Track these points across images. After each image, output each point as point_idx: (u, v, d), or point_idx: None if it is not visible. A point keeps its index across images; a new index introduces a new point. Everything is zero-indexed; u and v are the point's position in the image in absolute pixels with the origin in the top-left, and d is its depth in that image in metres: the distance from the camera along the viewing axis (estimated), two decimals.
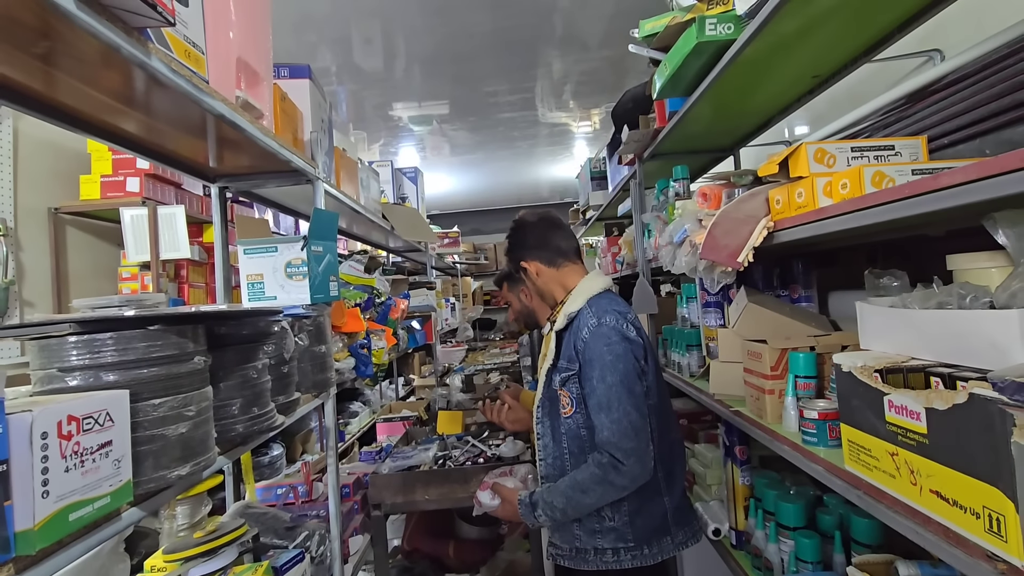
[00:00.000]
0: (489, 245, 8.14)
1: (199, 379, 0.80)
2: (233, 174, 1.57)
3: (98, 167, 2.29)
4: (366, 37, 3.12)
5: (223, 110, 1.01)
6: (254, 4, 1.21)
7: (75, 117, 1.03)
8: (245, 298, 1.39)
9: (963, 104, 1.05)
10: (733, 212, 1.15)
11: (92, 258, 2.48)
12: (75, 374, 0.69)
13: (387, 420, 3.03)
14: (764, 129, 1.93)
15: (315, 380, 1.42)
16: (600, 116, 4.58)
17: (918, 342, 0.85)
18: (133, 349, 0.71)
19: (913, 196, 0.70)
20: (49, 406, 0.57)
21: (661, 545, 1.39)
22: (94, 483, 0.61)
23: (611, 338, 1.32)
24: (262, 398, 1.00)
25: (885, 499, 0.84)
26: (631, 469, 1.25)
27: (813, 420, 1.08)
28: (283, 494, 1.67)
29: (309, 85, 1.63)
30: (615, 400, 1.28)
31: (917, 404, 0.74)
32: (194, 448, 0.77)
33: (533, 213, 1.63)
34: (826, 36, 1.25)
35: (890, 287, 1.13)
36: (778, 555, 1.38)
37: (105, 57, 0.78)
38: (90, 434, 0.61)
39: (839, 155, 1.00)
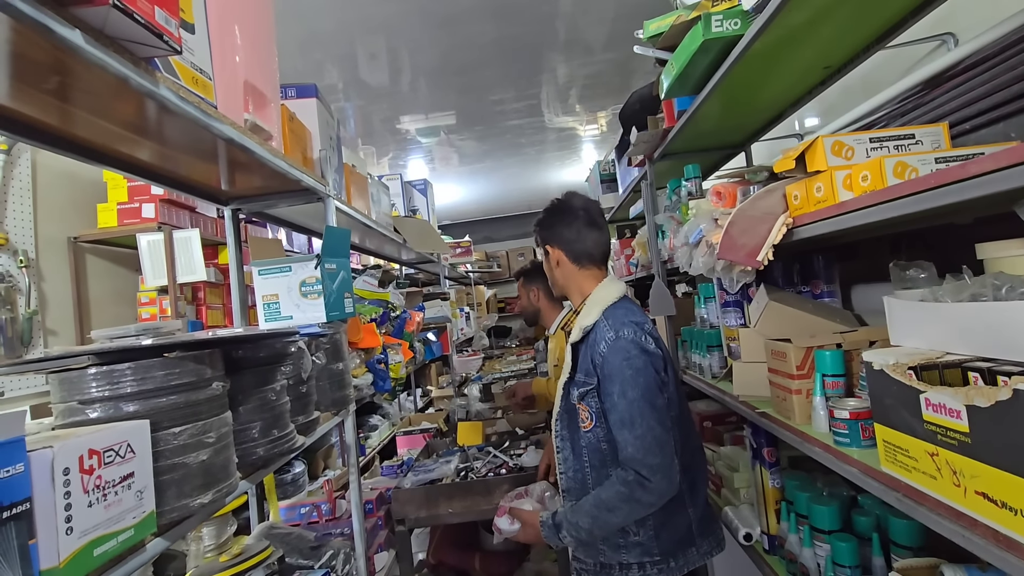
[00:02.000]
0: (501, 252, 8.14)
1: (218, 405, 0.80)
2: (245, 196, 1.58)
3: (114, 195, 2.32)
4: (371, 53, 3.14)
5: (232, 134, 1.01)
6: (259, 27, 1.22)
7: (89, 149, 1.04)
8: (261, 318, 1.39)
9: (984, 88, 1.02)
10: (749, 210, 1.12)
11: (111, 285, 2.52)
12: (95, 406, 0.68)
13: (407, 433, 3.02)
14: (776, 123, 1.90)
15: (334, 398, 1.41)
16: (607, 118, 4.56)
17: (952, 336, 0.82)
18: (151, 378, 0.71)
19: (941, 186, 0.68)
20: (69, 440, 0.57)
21: (687, 556, 1.36)
22: (117, 516, 0.61)
23: (630, 352, 1.28)
24: (282, 420, 0.99)
25: (926, 501, 0.80)
26: (658, 485, 1.22)
27: (844, 420, 1.05)
28: (307, 513, 1.67)
29: (316, 104, 1.64)
30: (638, 415, 1.24)
31: (957, 402, 0.71)
32: (216, 475, 0.76)
33: (580, 199, 1.54)
34: (836, 25, 1.22)
35: (917, 279, 1.09)
36: (814, 560, 1.34)
37: (114, 89, 0.79)
38: (112, 467, 0.61)
39: (857, 147, 0.97)
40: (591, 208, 1.52)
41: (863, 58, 1.34)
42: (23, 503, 0.52)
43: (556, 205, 1.54)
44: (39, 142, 0.94)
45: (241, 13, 1.14)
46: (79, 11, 0.65)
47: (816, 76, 1.50)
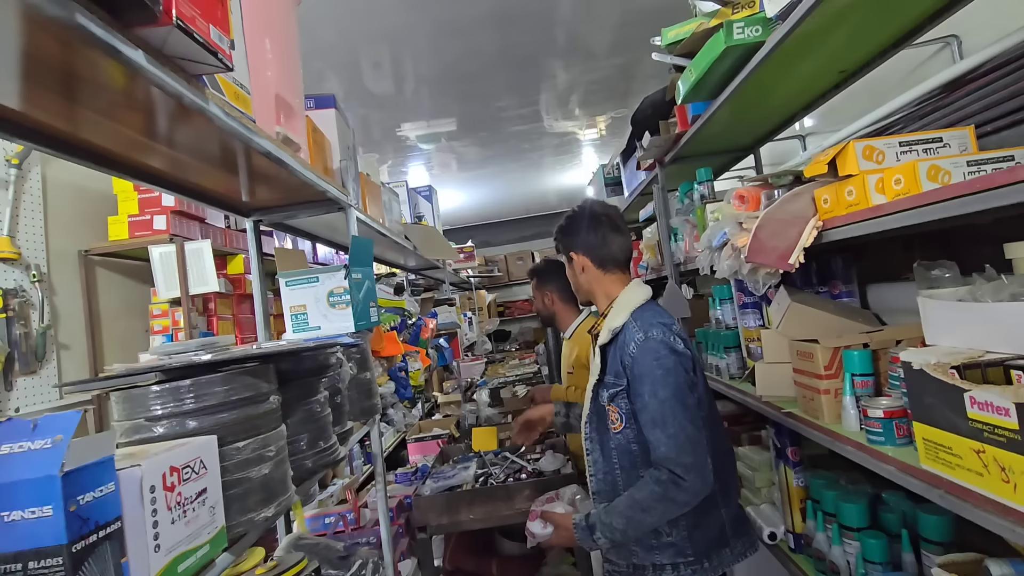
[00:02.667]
0: (500, 257, 8.16)
1: (274, 418, 0.80)
2: (266, 207, 1.58)
3: (124, 207, 2.31)
4: (374, 61, 3.15)
5: (270, 148, 1.02)
6: (287, 40, 1.23)
7: (118, 161, 1.04)
8: (289, 330, 1.39)
9: (1006, 91, 1.04)
10: (778, 214, 1.14)
11: (122, 297, 2.51)
12: (162, 422, 0.69)
13: (418, 440, 3.02)
14: (787, 126, 1.93)
15: (363, 407, 1.42)
16: (606, 123, 4.60)
17: (992, 335, 0.84)
18: (214, 394, 0.71)
19: (987, 190, 0.70)
20: (154, 458, 0.57)
21: (721, 557, 1.37)
22: (195, 532, 0.61)
23: (660, 352, 1.29)
24: (326, 431, 1.00)
25: (971, 498, 0.82)
26: (692, 484, 1.23)
27: (878, 419, 1.07)
28: (332, 523, 1.67)
29: (335, 114, 1.65)
30: (669, 415, 1.25)
31: (1005, 400, 0.73)
32: (275, 488, 0.77)
33: (602, 206, 1.57)
34: (854, 31, 1.25)
35: (942, 278, 1.12)
36: (843, 557, 1.35)
37: (165, 106, 0.79)
38: (189, 483, 0.61)
39: (888, 151, 1.00)
40: (613, 214, 1.54)
41: (879, 62, 1.37)
42: (115, 522, 0.52)
43: (579, 212, 1.56)
44: (74, 156, 0.94)
45: (271, 27, 1.15)
46: (142, 31, 0.65)
47: (831, 80, 1.53)
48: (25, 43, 0.60)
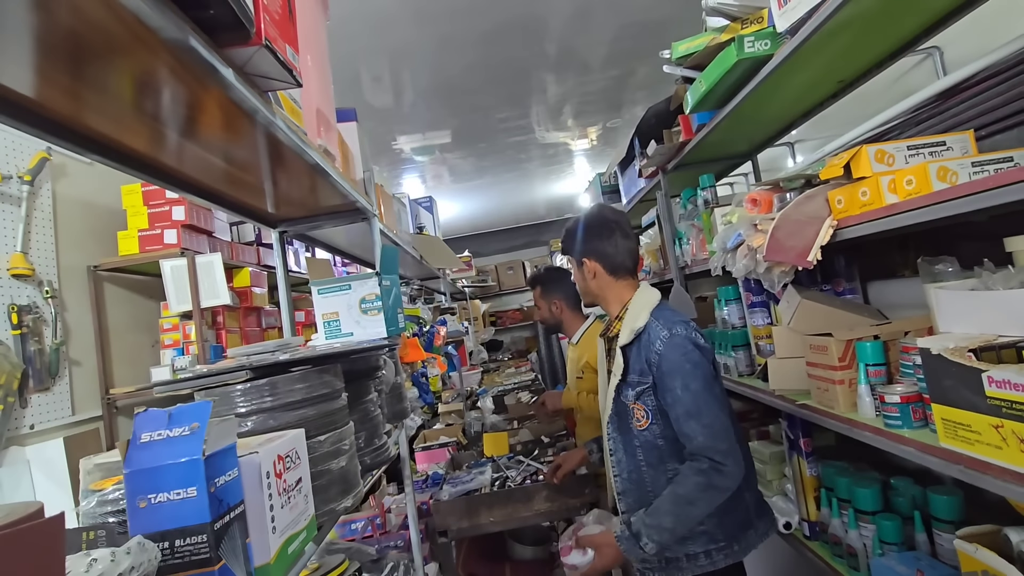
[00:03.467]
0: (491, 267, 8.20)
1: (345, 414, 0.84)
2: (292, 218, 1.62)
3: (134, 222, 2.32)
4: (371, 75, 3.20)
5: (319, 160, 1.06)
6: (322, 54, 1.28)
7: (172, 175, 1.08)
8: (321, 336, 1.42)
9: (999, 99, 1.14)
10: (794, 214, 1.22)
11: (130, 313, 2.50)
12: (252, 418, 0.72)
13: (426, 448, 3.04)
14: (784, 133, 2.02)
15: (394, 411, 1.45)
16: (597, 133, 4.70)
17: (1004, 320, 0.92)
18: (296, 391, 0.75)
19: (1001, 187, 0.77)
20: (266, 446, 0.61)
21: (747, 539, 1.42)
22: (296, 518, 0.65)
23: (686, 347, 1.35)
24: (379, 430, 1.04)
25: (991, 470, 0.89)
26: (731, 469, 1.28)
27: (895, 404, 1.14)
28: (361, 527, 1.69)
29: (356, 127, 1.69)
30: (703, 406, 1.30)
31: (1022, 377, 0.80)
32: (350, 480, 0.81)
33: (613, 211, 1.59)
34: (854, 43, 1.34)
35: (945, 272, 1.20)
36: (860, 540, 1.42)
37: (235, 121, 0.84)
38: (291, 471, 0.65)
39: (897, 154, 1.08)
40: (623, 220, 1.59)
41: (876, 72, 1.47)
42: (239, 505, 0.56)
43: (591, 219, 1.59)
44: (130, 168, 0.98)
45: (311, 43, 1.20)
46: (231, 51, 0.70)
47: (829, 89, 1.63)
48: (137, 68, 0.64)
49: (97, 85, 0.70)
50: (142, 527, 0.51)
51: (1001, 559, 0.92)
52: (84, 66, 0.65)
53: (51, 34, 0.58)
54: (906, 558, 1.28)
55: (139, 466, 0.51)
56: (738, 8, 1.36)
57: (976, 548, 0.96)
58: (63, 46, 0.60)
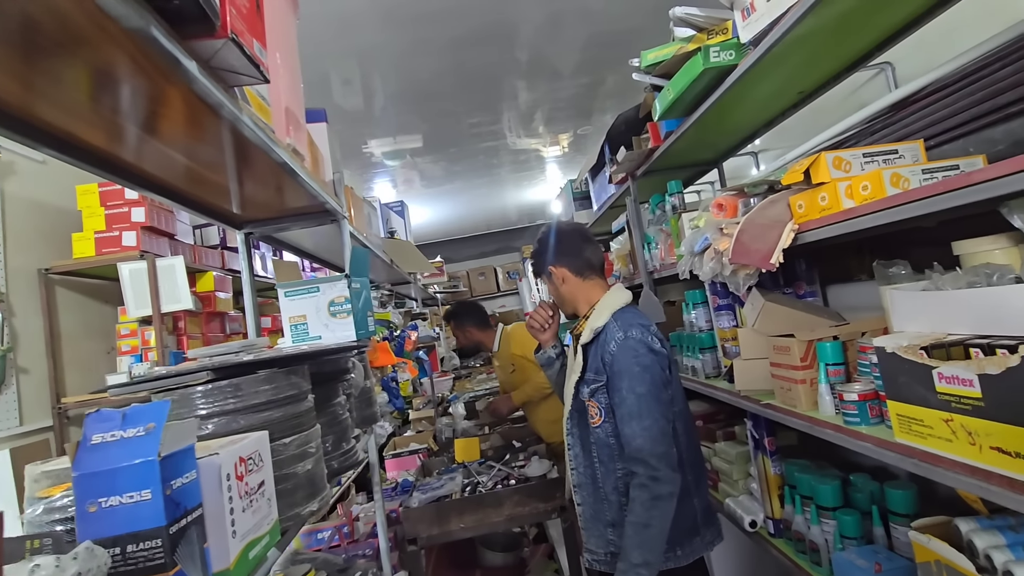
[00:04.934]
0: (462, 273, 8.18)
1: (312, 416, 0.82)
2: (259, 219, 1.58)
3: (90, 223, 2.23)
4: (341, 78, 3.17)
5: (287, 159, 1.04)
6: (292, 53, 1.26)
7: (132, 172, 1.04)
8: (288, 340, 1.39)
9: (946, 111, 1.20)
10: (758, 219, 1.25)
11: (84, 318, 2.40)
12: (213, 420, 0.70)
13: (395, 456, 2.99)
14: (748, 142, 2.08)
15: (364, 415, 1.43)
16: (568, 140, 4.76)
17: (952, 319, 0.96)
18: (262, 392, 0.73)
19: (949, 191, 0.81)
20: (228, 448, 0.59)
21: (692, 546, 1.45)
22: (259, 522, 0.63)
23: (638, 351, 1.39)
24: (347, 433, 1.02)
25: (942, 463, 0.93)
26: (666, 473, 1.31)
27: (853, 402, 1.18)
28: (327, 537, 1.65)
29: (326, 128, 1.67)
30: (645, 409, 1.34)
31: (969, 372, 0.84)
32: (317, 484, 0.79)
33: (568, 222, 1.68)
34: (813, 56, 1.40)
35: (898, 275, 1.26)
36: (822, 536, 1.46)
37: (199, 116, 0.82)
38: (253, 474, 0.63)
39: (853, 161, 1.12)
40: (581, 227, 1.68)
41: (834, 83, 1.53)
42: (197, 508, 0.54)
43: (551, 231, 1.67)
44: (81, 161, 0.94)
45: (280, 41, 1.18)
46: (196, 44, 0.68)
47: (790, 99, 1.68)
48: (96, 57, 0.62)
49: (51, 74, 0.67)
50: (92, 533, 0.48)
51: (952, 548, 0.96)
52: (37, 53, 0.62)
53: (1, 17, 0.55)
54: (865, 551, 1.32)
55: (89, 469, 0.49)
56: (704, 19, 1.40)
57: (929, 539, 1.00)
58: (14, 30, 0.57)
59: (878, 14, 1.21)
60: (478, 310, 3.11)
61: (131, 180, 1.06)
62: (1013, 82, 1.02)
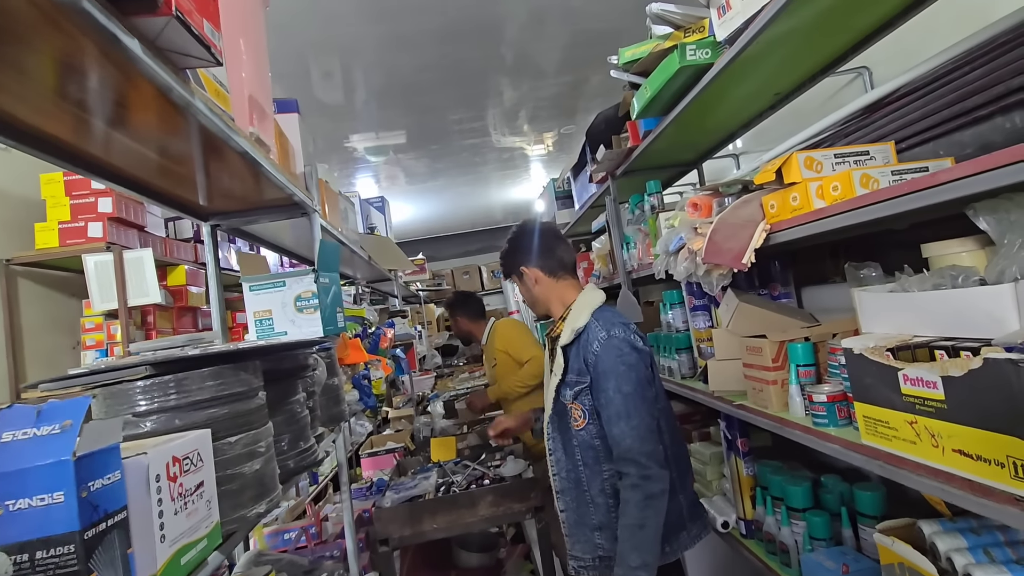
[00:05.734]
0: (446, 271, 8.13)
1: (263, 414, 0.79)
2: (226, 212, 1.54)
3: (54, 213, 2.16)
4: (321, 71, 3.12)
5: (247, 147, 1.01)
6: (258, 40, 1.22)
7: (84, 159, 1.00)
8: (253, 336, 1.36)
9: (917, 113, 1.20)
10: (731, 218, 1.24)
11: (48, 311, 2.33)
12: (151, 417, 0.67)
13: (372, 455, 2.95)
14: (726, 143, 2.08)
15: (331, 414, 1.40)
16: (553, 139, 4.74)
17: (919, 321, 0.96)
18: (205, 388, 0.70)
19: (913, 192, 0.81)
20: (157, 447, 0.56)
21: (679, 541, 1.44)
22: (195, 525, 0.60)
23: (622, 349, 1.37)
24: (305, 432, 0.99)
25: (907, 465, 0.92)
26: (656, 471, 1.31)
27: (822, 403, 1.18)
28: (294, 538, 1.61)
29: (297, 119, 1.63)
30: (633, 408, 1.33)
31: (933, 374, 0.84)
32: (267, 484, 0.76)
33: (538, 222, 1.66)
34: (788, 58, 1.39)
35: (869, 277, 1.26)
36: (792, 537, 1.46)
37: (149, 99, 0.78)
38: (189, 475, 0.60)
39: (825, 161, 1.12)
40: (551, 226, 1.66)
41: (809, 85, 1.53)
42: (121, 511, 0.51)
43: (520, 231, 1.65)
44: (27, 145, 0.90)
45: (244, 27, 1.14)
46: (139, 21, 0.65)
47: (767, 101, 1.68)
48: (29, 34, 0.58)
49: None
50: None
51: (915, 551, 0.96)
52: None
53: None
54: (833, 553, 1.33)
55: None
56: (681, 17, 1.39)
57: (893, 541, 1.00)
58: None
59: (853, 15, 1.21)
60: (475, 302, 3.22)
61: (82, 167, 1.01)
62: (981, 85, 1.03)
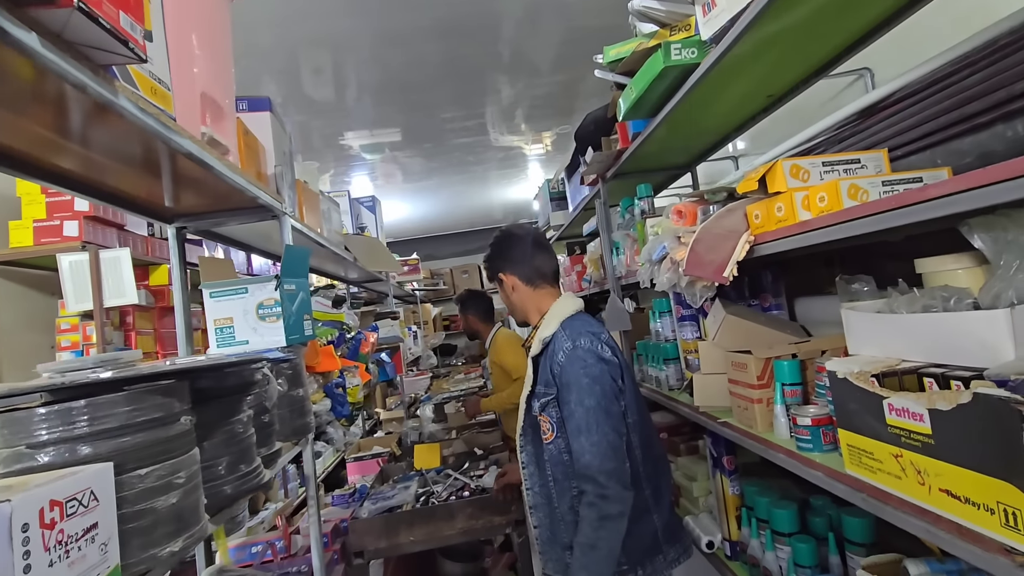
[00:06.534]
0: (446, 270, 8.08)
1: (186, 441, 0.73)
2: (192, 213, 1.48)
3: (29, 211, 2.11)
4: (314, 67, 3.07)
5: (192, 148, 0.95)
6: (216, 37, 1.16)
7: (19, 159, 0.94)
8: (213, 344, 1.30)
9: (913, 119, 1.13)
10: (714, 228, 1.17)
11: (24, 311, 2.28)
12: (48, 449, 0.61)
13: (358, 459, 2.90)
14: (720, 146, 2.01)
15: (295, 426, 1.34)
16: (552, 138, 4.67)
17: (907, 345, 0.89)
18: (114, 416, 0.64)
19: (901, 207, 0.74)
20: (29, 492, 0.50)
21: (654, 564, 1.38)
22: (84, 572, 0.54)
23: (587, 360, 1.32)
24: (248, 453, 0.93)
25: (891, 501, 0.85)
26: (616, 491, 1.25)
27: (807, 426, 1.11)
28: (260, 552, 1.55)
29: (270, 118, 1.57)
30: (594, 422, 1.27)
31: (919, 406, 0.77)
32: (186, 519, 0.70)
33: (521, 227, 1.63)
34: (780, 59, 1.32)
35: (861, 291, 1.18)
36: (776, 562, 1.39)
37: (68, 98, 0.72)
38: (74, 518, 0.54)
39: (812, 170, 1.05)
40: (535, 233, 1.61)
41: (803, 88, 1.45)
42: None
43: (503, 235, 1.61)
44: None
45: (198, 22, 1.08)
46: (38, 13, 0.59)
47: (760, 103, 1.61)
48: None
49: None
50: None
51: None
52: None
53: None
54: None
55: None
56: (665, 14, 1.32)
57: None
58: None
59: (845, 15, 1.14)
60: (485, 302, 3.24)
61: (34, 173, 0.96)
62: (981, 90, 0.95)
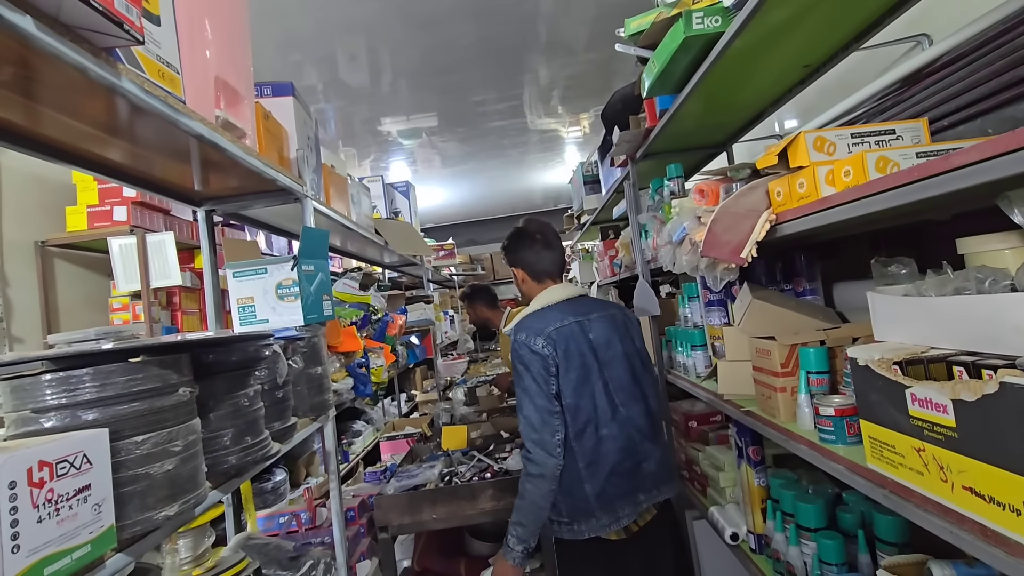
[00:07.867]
0: (485, 255, 8.11)
1: (185, 412, 0.76)
2: (219, 196, 1.53)
3: (84, 197, 2.25)
4: (351, 54, 3.11)
5: (202, 130, 0.97)
6: (231, 22, 1.18)
7: (56, 148, 1.00)
8: (236, 322, 1.35)
9: (961, 84, 1.02)
10: (733, 207, 1.11)
11: (82, 290, 2.44)
12: (51, 415, 0.64)
13: (391, 438, 2.97)
14: (756, 123, 1.90)
15: (312, 403, 1.37)
16: (589, 120, 4.57)
17: (936, 331, 0.82)
18: (112, 384, 0.67)
19: (923, 179, 0.67)
20: (16, 452, 0.53)
21: (588, 523, 1.51)
22: (72, 532, 0.57)
23: (520, 352, 1.54)
24: (255, 426, 0.96)
25: (913, 497, 0.79)
26: (537, 455, 1.47)
27: (829, 417, 1.04)
28: (286, 522, 1.62)
29: (293, 102, 1.60)
30: (526, 401, 1.51)
31: (943, 396, 0.70)
32: (182, 485, 0.73)
33: (532, 223, 1.76)
34: (815, 24, 1.22)
35: (899, 274, 1.09)
36: (800, 558, 1.33)
37: (75, 82, 0.75)
38: (65, 479, 0.57)
39: (839, 142, 0.97)
40: (545, 231, 1.74)
41: (841, 57, 1.35)
42: None
43: (517, 232, 1.76)
44: (4, 141, 0.90)
45: (212, 8, 1.10)
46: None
47: (796, 75, 1.51)
48: None
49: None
50: None
51: None
52: None
53: None
54: None
55: None
56: None
57: None
58: None
59: None
60: (489, 292, 3.46)
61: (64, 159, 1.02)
62: None
